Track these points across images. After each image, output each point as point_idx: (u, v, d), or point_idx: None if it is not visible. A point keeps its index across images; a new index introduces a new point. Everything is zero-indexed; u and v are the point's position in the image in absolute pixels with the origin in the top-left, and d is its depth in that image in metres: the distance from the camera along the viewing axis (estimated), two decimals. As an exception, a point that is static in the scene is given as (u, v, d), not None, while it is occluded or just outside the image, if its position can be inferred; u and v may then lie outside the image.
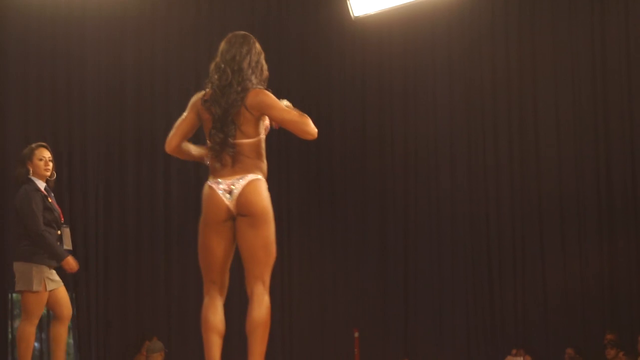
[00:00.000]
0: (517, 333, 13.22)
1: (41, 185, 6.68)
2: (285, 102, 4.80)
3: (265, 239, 4.69)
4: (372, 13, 12.49)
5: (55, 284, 6.68)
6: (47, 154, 6.75)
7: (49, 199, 6.67)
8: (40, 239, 6.52)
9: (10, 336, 12.65)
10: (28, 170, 6.67)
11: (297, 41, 14.46)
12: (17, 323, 13.00)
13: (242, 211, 4.67)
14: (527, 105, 13.69)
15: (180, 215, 13.23)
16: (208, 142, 4.78)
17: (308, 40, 14.54)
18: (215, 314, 4.67)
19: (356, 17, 13.81)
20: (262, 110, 4.73)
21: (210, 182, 4.74)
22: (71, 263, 6.62)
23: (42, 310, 6.66)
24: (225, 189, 4.68)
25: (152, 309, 13.11)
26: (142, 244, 13.23)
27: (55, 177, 6.84)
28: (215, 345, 4.64)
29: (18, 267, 6.58)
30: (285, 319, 13.82)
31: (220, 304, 4.72)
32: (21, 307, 6.66)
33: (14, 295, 12.88)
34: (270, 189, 4.82)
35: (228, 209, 4.68)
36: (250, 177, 4.70)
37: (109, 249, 12.95)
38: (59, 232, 6.73)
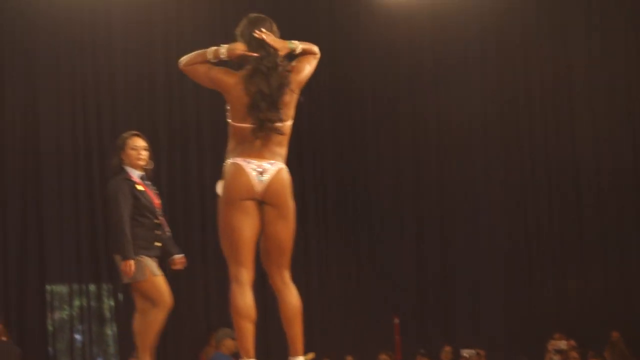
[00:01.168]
0: (559, 318, 13.07)
1: (135, 174, 6.52)
2: (296, 44, 4.67)
3: (292, 231, 4.65)
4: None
5: (157, 272, 6.44)
6: (140, 143, 6.60)
7: (139, 186, 6.49)
8: (118, 230, 6.34)
9: (51, 328, 12.68)
10: (121, 160, 6.54)
11: (326, 17, 14.33)
12: (56, 315, 13.03)
13: (272, 201, 4.57)
14: (562, 76, 13.53)
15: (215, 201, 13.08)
16: (238, 122, 4.58)
17: (336, 16, 14.41)
18: (245, 300, 4.55)
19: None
20: (302, 86, 4.67)
21: (237, 160, 4.58)
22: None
23: (164, 295, 6.32)
24: (256, 169, 4.55)
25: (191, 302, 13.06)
26: (176, 238, 13.13)
27: (152, 166, 6.66)
28: (248, 332, 4.54)
29: (118, 260, 6.38)
30: (324, 307, 13.70)
31: (249, 289, 4.58)
32: (137, 300, 6.37)
33: (51, 287, 12.88)
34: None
35: (255, 190, 4.55)
36: (280, 165, 4.59)
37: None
38: (156, 221, 6.50)
